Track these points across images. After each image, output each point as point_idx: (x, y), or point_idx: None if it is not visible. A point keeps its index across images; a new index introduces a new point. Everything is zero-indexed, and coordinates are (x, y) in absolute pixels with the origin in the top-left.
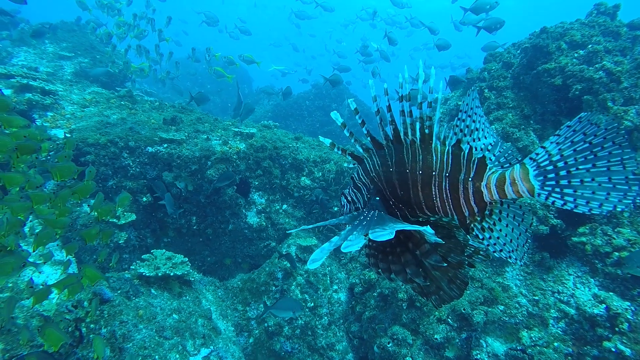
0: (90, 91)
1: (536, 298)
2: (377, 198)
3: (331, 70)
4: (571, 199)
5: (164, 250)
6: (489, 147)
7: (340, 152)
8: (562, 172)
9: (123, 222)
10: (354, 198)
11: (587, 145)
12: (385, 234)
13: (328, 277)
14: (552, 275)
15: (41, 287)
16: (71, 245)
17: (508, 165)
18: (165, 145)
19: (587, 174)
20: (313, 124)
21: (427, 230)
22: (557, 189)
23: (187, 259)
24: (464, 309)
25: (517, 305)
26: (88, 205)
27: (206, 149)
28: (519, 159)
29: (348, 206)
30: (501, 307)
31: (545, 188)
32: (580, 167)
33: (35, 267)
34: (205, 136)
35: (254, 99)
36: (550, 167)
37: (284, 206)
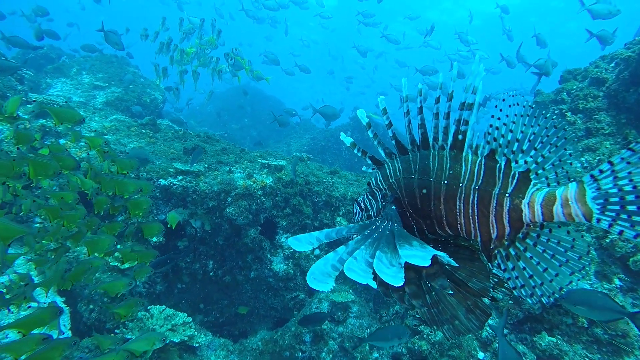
0: (112, 119)
1: None
2: (394, 207)
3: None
4: None
5: (163, 306)
6: (537, 161)
7: (360, 154)
8: (630, 197)
9: (127, 265)
10: (368, 205)
11: None
12: (390, 273)
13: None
14: None
15: None
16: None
17: (556, 184)
18: (181, 177)
19: None
20: (351, 158)
21: (441, 254)
22: (625, 216)
23: (190, 320)
24: None
25: None
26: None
27: (226, 182)
28: (572, 177)
29: (360, 214)
30: None
31: (607, 213)
32: None
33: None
34: (228, 168)
35: (289, 132)
36: (615, 191)
37: (316, 251)
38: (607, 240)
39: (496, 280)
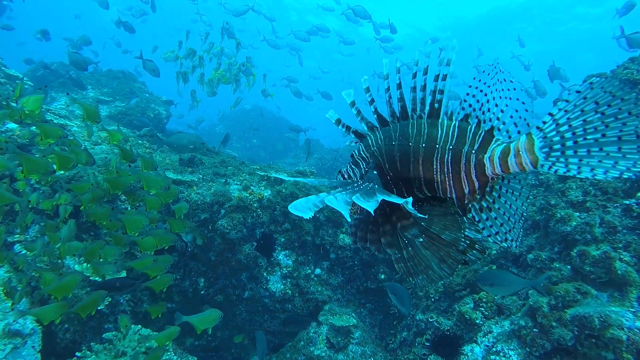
0: (109, 129)
1: None
2: (375, 172)
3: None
4: (575, 167)
5: (139, 326)
6: (498, 117)
7: (344, 129)
8: (569, 143)
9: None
10: (351, 174)
11: (599, 115)
12: (369, 204)
13: None
14: None
15: None
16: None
17: (517, 134)
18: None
19: (595, 144)
20: None
21: (408, 202)
22: (563, 159)
23: (168, 342)
24: None
25: None
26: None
27: (220, 193)
28: (530, 126)
29: None
30: None
31: (550, 159)
32: (589, 137)
33: None
34: (224, 180)
35: (297, 152)
36: (557, 138)
37: (317, 270)
38: None
39: (467, 242)
